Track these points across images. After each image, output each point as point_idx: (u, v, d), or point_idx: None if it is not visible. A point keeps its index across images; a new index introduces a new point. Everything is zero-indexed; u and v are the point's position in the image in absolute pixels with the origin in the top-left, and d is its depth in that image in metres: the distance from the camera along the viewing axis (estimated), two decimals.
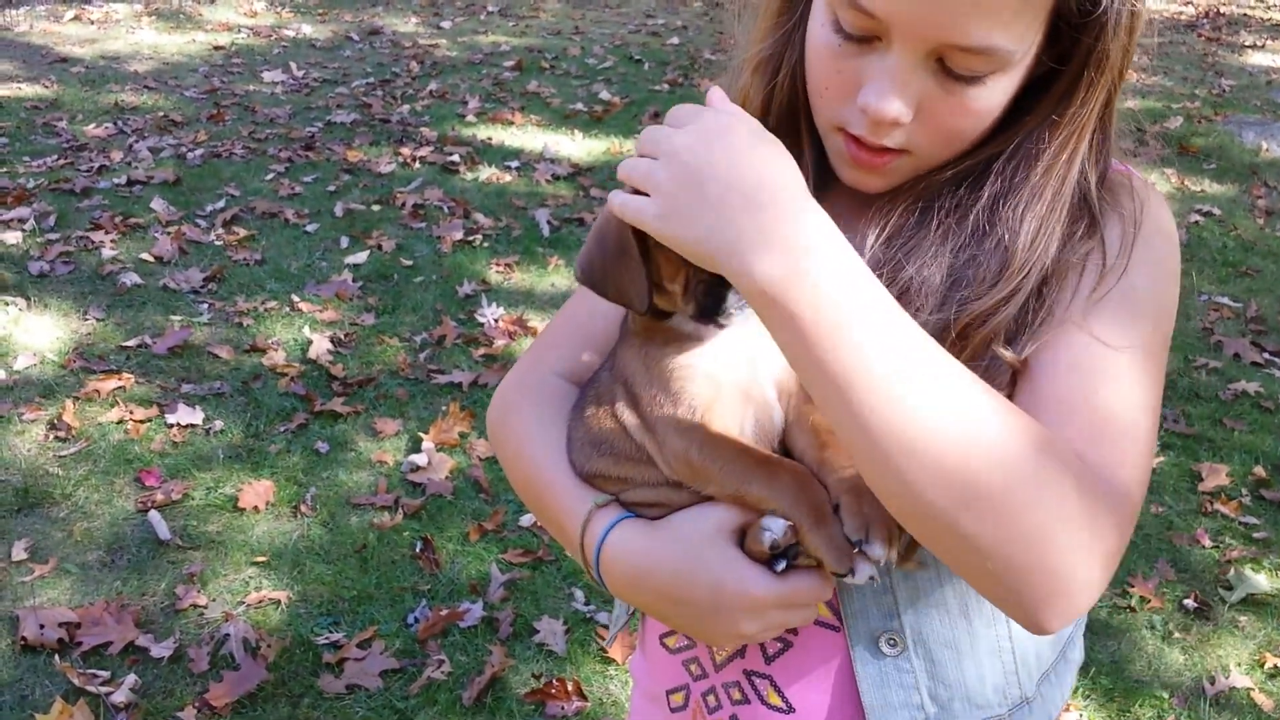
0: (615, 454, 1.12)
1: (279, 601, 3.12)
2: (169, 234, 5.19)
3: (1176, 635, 3.15)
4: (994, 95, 1.02)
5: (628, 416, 1.10)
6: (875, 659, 1.12)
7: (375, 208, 5.68)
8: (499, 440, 1.27)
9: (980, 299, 1.03)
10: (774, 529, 0.99)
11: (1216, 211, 6.09)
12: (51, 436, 3.75)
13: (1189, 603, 3.25)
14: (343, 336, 4.49)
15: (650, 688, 1.31)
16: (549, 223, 5.58)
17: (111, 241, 5.10)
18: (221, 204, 5.59)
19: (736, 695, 1.19)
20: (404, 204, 5.69)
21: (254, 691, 2.80)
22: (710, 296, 0.99)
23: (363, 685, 2.85)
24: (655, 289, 1.02)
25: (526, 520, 3.48)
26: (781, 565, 1.01)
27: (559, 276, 5.10)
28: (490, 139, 6.72)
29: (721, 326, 1.03)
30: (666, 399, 1.06)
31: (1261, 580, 3.33)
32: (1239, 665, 3.05)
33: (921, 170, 1.09)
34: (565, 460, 1.18)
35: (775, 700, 1.17)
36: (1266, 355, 4.70)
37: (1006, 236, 1.04)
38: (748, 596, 1.01)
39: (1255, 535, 3.56)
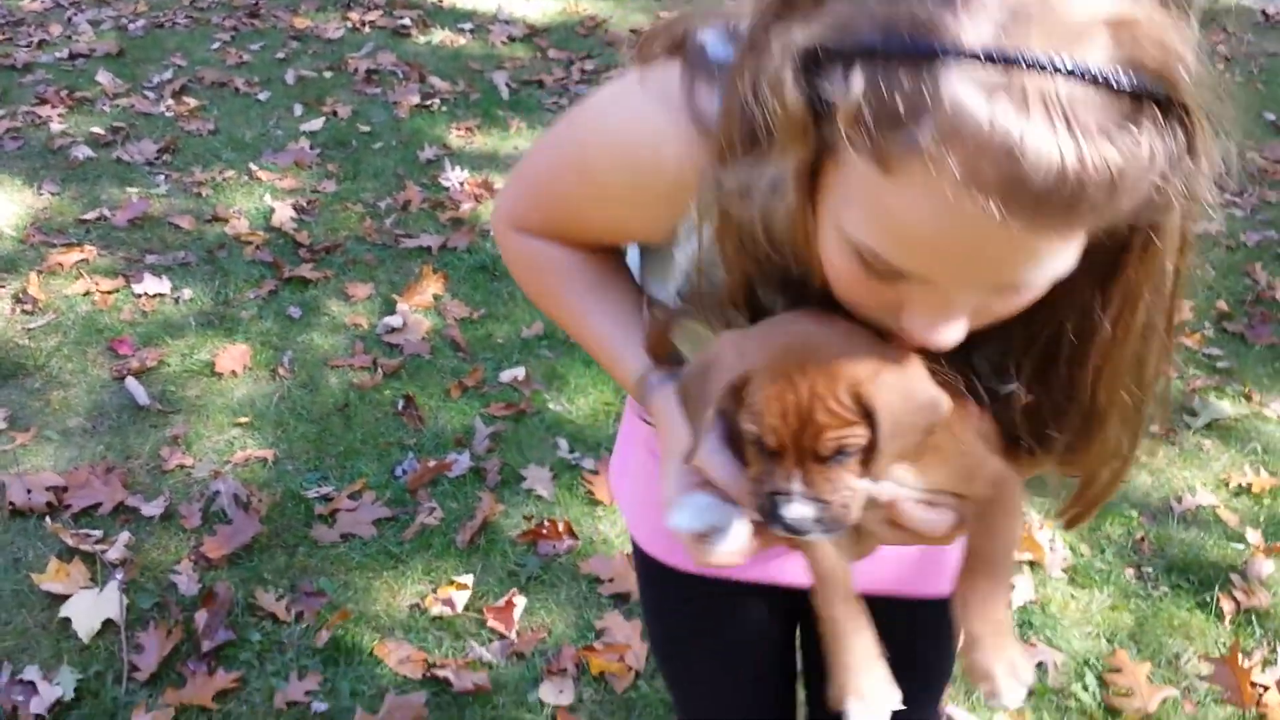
0: None
1: (266, 459, 3.13)
2: (114, 109, 5.05)
3: (1144, 459, 3.24)
4: (1045, 284, 0.93)
5: None
6: None
7: (327, 74, 5.53)
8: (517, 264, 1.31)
9: None
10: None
11: None
12: (18, 310, 3.69)
13: (1155, 429, 3.35)
14: (305, 204, 4.41)
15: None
16: (508, 85, 5.47)
17: (59, 116, 4.94)
18: (169, 75, 5.42)
19: None
20: (356, 70, 5.55)
21: (249, 544, 2.83)
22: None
23: (357, 534, 2.89)
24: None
25: (506, 376, 3.50)
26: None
27: (521, 139, 5.02)
28: (441, 1, 6.53)
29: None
30: None
31: (1225, 406, 3.44)
32: (1205, 485, 3.17)
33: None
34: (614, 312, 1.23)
35: None
36: (1226, 196, 4.74)
37: None
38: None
39: (1218, 365, 3.66)
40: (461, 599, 2.71)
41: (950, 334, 0.94)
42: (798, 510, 0.96)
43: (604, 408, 3.39)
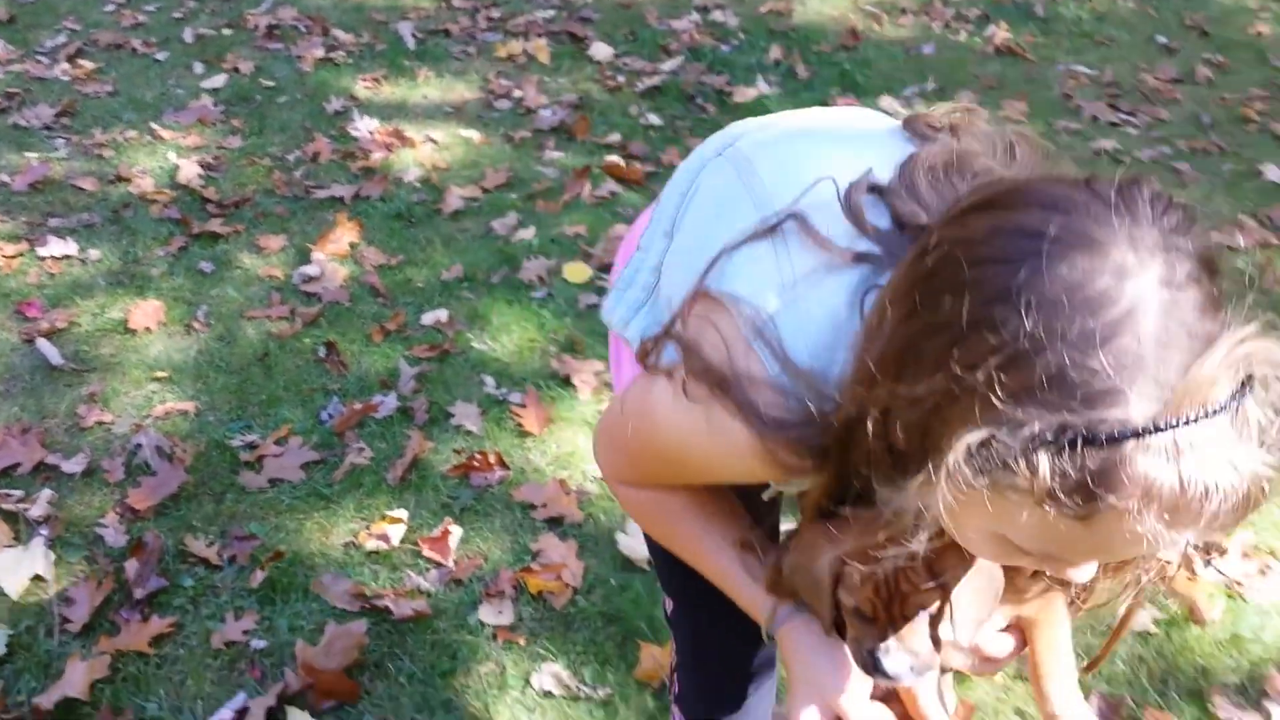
0: None
1: (187, 412, 3.09)
2: (8, 75, 4.89)
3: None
4: None
5: None
6: None
7: (226, 31, 5.41)
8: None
9: None
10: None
11: None
12: None
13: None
14: (211, 160, 4.33)
15: None
16: (413, 35, 5.40)
17: None
18: (62, 39, 5.26)
19: None
20: (256, 26, 5.44)
21: (175, 493, 2.80)
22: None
23: (285, 479, 2.87)
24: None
25: (429, 319, 3.48)
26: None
27: (430, 88, 4.97)
28: None
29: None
30: None
31: None
32: None
33: None
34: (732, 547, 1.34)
35: None
36: (1121, 115, 4.90)
37: None
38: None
39: None
40: (396, 533, 2.72)
41: (1089, 573, 1.07)
42: (894, 662, 1.18)
43: (528, 344, 3.40)
